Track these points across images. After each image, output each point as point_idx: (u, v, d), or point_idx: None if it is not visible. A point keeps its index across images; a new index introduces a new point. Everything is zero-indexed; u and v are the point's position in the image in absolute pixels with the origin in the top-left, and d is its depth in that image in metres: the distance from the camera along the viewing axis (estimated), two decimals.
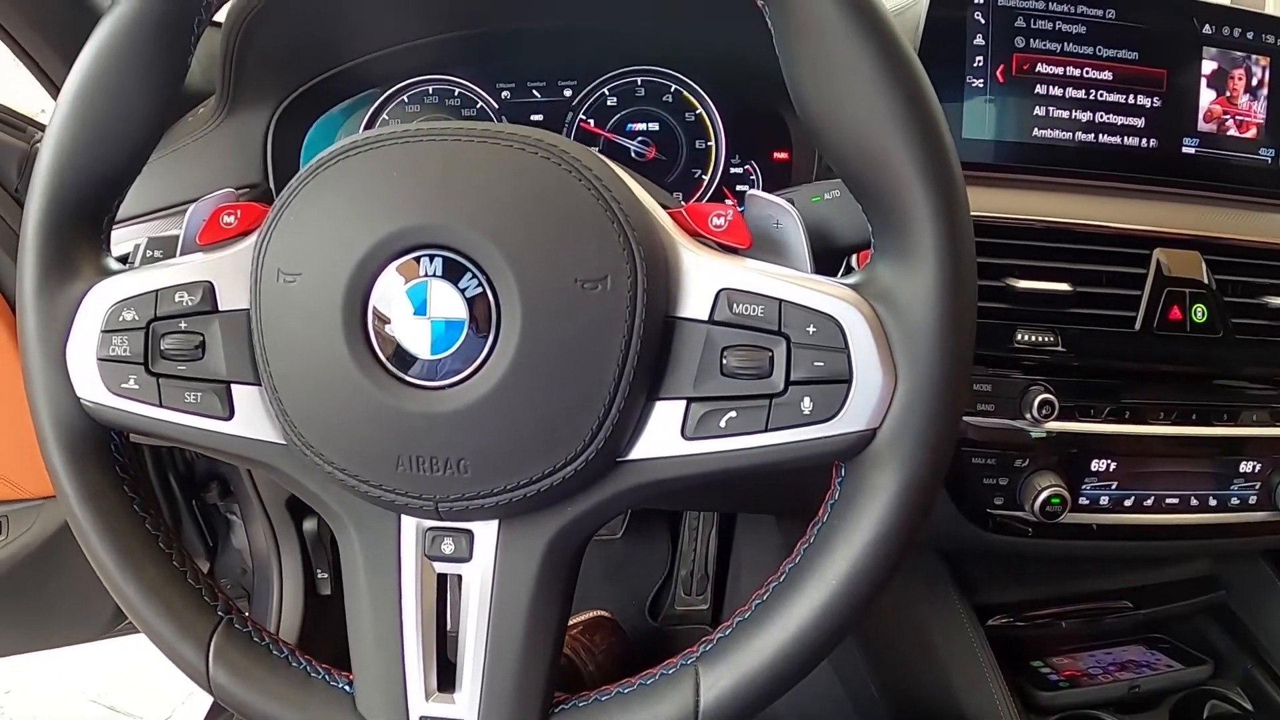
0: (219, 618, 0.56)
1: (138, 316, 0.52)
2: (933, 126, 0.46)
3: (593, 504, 0.51)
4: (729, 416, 0.47)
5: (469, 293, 0.47)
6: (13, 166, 0.97)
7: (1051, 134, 0.89)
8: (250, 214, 0.54)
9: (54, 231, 0.53)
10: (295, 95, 0.91)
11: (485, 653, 0.52)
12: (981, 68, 0.86)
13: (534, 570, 0.52)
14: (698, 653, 0.52)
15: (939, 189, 0.46)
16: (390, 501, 0.50)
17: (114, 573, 0.55)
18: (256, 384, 0.52)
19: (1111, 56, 0.89)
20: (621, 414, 0.47)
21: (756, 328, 0.47)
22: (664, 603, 1.61)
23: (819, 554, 0.49)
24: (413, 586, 0.53)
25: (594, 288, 0.46)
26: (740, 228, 0.50)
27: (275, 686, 0.55)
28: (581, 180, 0.47)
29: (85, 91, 0.52)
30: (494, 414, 0.47)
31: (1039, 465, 0.86)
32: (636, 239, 0.46)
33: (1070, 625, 1.09)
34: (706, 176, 0.94)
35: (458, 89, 0.93)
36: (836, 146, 0.48)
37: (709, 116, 0.92)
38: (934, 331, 0.46)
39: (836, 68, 0.46)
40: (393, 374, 0.48)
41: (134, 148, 0.54)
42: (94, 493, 0.55)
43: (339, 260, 0.48)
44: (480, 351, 0.47)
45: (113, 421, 0.53)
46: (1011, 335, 0.83)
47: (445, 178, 0.48)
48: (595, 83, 0.93)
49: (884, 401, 0.47)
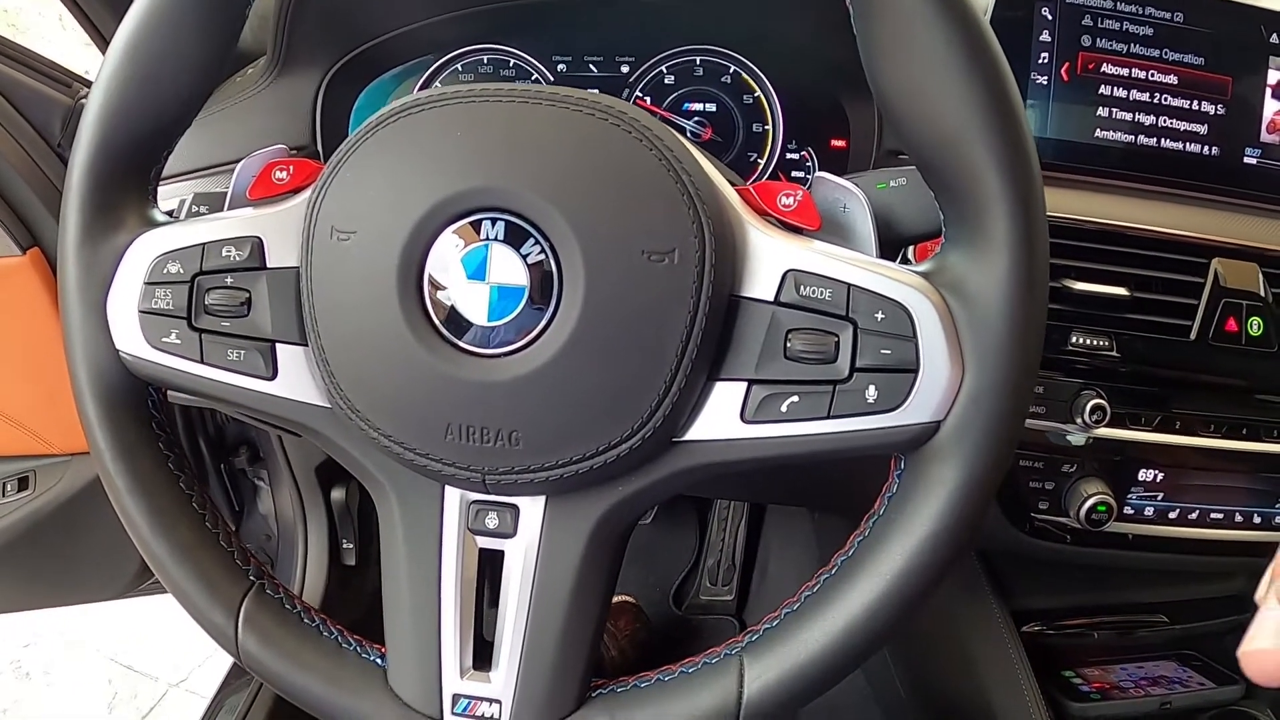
0: (250, 582, 0.55)
1: (183, 270, 0.51)
2: (1014, 117, 0.45)
3: (645, 484, 0.50)
4: (791, 401, 0.46)
5: (530, 259, 0.46)
6: (56, 121, 0.97)
7: (1113, 136, 0.87)
8: (303, 170, 0.53)
9: (100, 179, 0.53)
10: (347, 59, 0.90)
11: (524, 633, 0.52)
12: (1046, 65, 0.85)
13: (580, 550, 0.51)
14: (743, 643, 0.51)
15: (1017, 181, 0.45)
16: (436, 471, 0.49)
17: (145, 531, 0.54)
18: (302, 344, 0.51)
19: (1177, 60, 0.88)
20: (681, 393, 0.46)
21: (823, 311, 0.46)
22: (689, 591, 1.61)
23: (874, 547, 0.48)
24: (453, 561, 0.52)
25: (660, 260, 0.45)
26: (810, 208, 0.49)
27: (305, 656, 0.54)
28: (652, 150, 0.46)
29: (139, 37, 0.51)
30: (550, 386, 0.46)
31: (1086, 471, 0.85)
32: (706, 213, 0.45)
33: (1103, 636, 1.08)
34: (762, 161, 0.92)
35: (513, 59, 0.92)
36: (913, 132, 0.47)
37: (767, 100, 0.91)
38: (1004, 325, 0.45)
39: (918, 52, 0.45)
40: (446, 339, 0.47)
41: (186, 98, 0.53)
42: (128, 448, 0.54)
43: (396, 219, 0.47)
44: (539, 321, 0.46)
45: (152, 376, 0.53)
46: (1066, 337, 0.81)
47: (510, 140, 0.47)
48: (653, 60, 0.91)
49: (950, 394, 0.46)
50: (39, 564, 1.16)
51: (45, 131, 0.97)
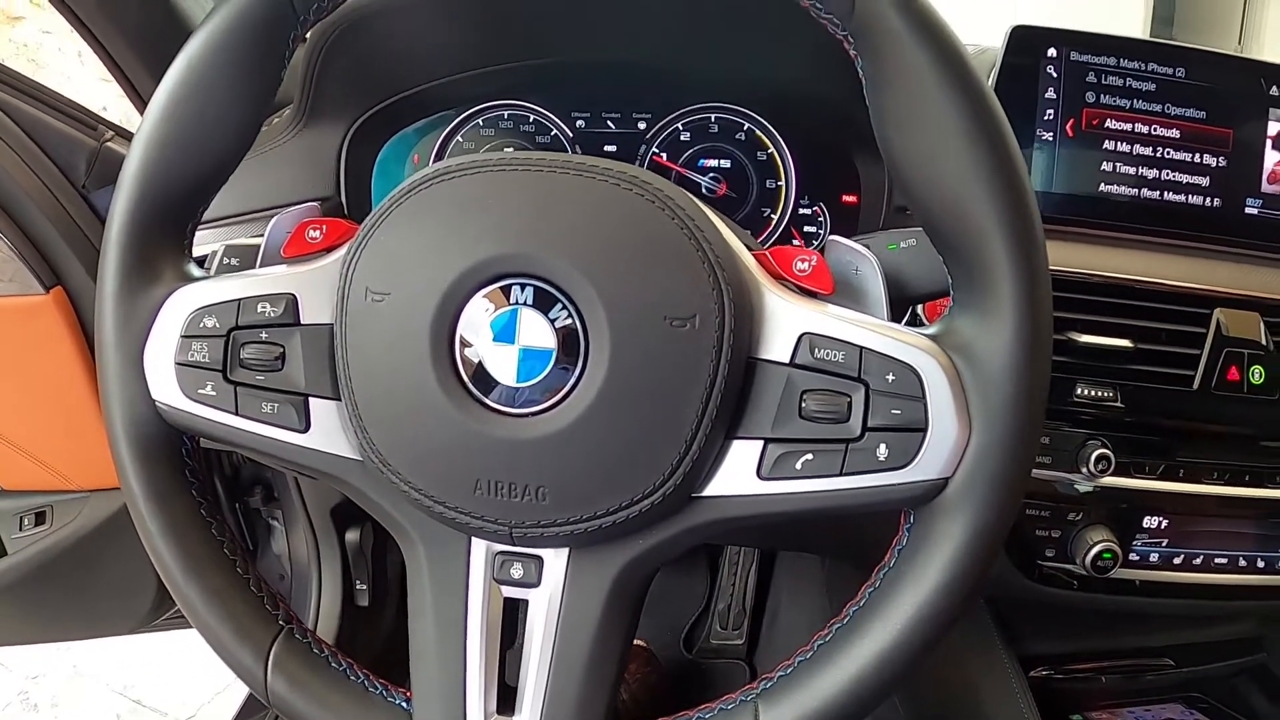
0: (280, 627, 0.56)
1: (219, 324, 0.53)
2: (1018, 186, 0.47)
3: (664, 537, 0.51)
4: (805, 459, 0.48)
5: (558, 323, 0.48)
6: (81, 162, 0.98)
7: (1117, 190, 0.89)
8: (336, 230, 0.55)
9: (138, 233, 0.54)
10: (371, 113, 0.92)
11: (547, 679, 0.53)
12: (1052, 121, 0.87)
13: (601, 599, 0.52)
14: (758, 689, 0.52)
15: (1022, 248, 0.47)
16: (464, 524, 0.51)
17: (177, 575, 0.56)
18: (335, 398, 0.52)
19: (1179, 115, 0.89)
20: (701, 451, 0.48)
21: (837, 373, 0.48)
22: (699, 635, 1.60)
23: (885, 598, 0.50)
24: (479, 608, 0.53)
25: (682, 325, 0.47)
26: (824, 273, 0.51)
27: (332, 699, 0.55)
28: (674, 219, 0.48)
29: (178, 98, 0.53)
30: (576, 444, 0.48)
31: (1092, 519, 0.86)
32: (725, 279, 0.47)
33: (1110, 680, 1.08)
34: (775, 216, 0.94)
35: (532, 115, 0.94)
36: (922, 198, 0.49)
37: (780, 156, 0.93)
38: (1010, 386, 0.47)
39: (927, 121, 0.47)
40: (477, 399, 0.49)
41: (222, 156, 0.55)
42: (162, 494, 0.56)
43: (430, 282, 0.49)
44: (566, 382, 0.48)
45: (187, 426, 0.54)
46: (1071, 389, 0.83)
47: (540, 208, 0.49)
48: (670, 117, 0.93)
49: (957, 452, 0.47)
50: (53, 598, 1.16)
51: (70, 172, 0.97)
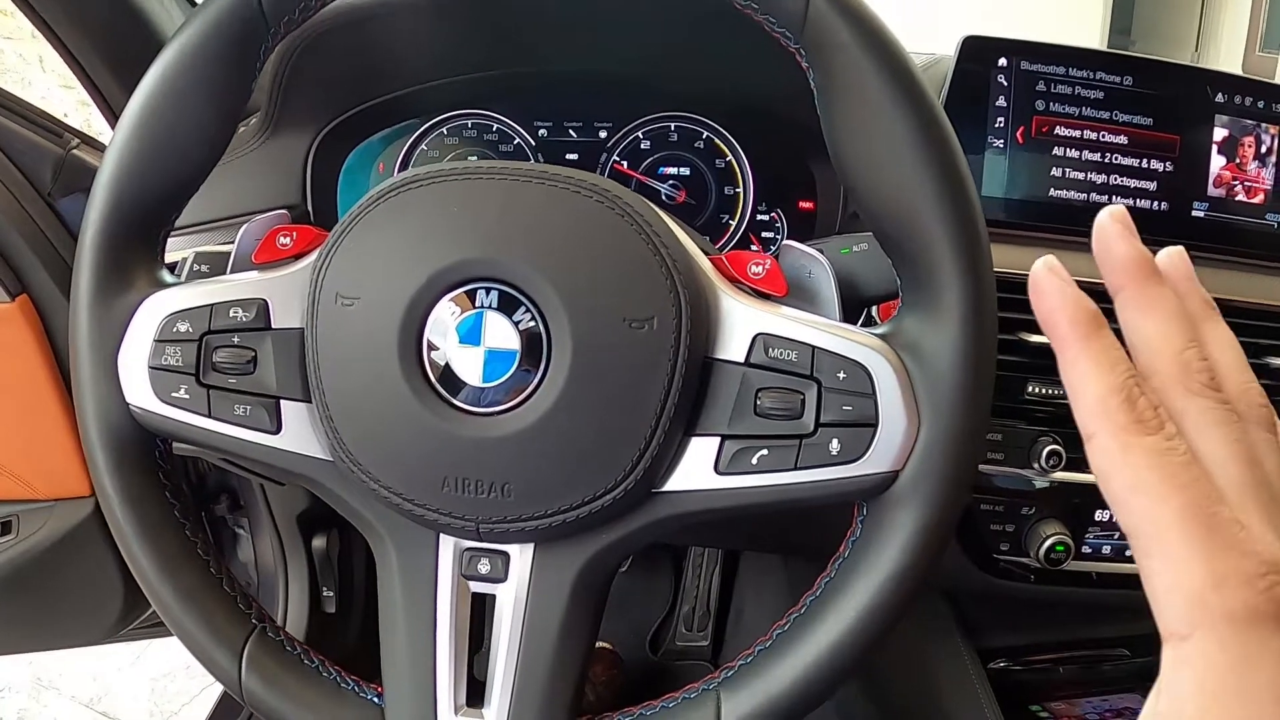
0: (253, 625, 0.57)
1: (192, 329, 0.54)
2: (963, 192, 0.49)
3: (626, 532, 0.53)
4: (761, 454, 0.50)
5: (522, 325, 0.50)
6: (47, 170, 0.98)
7: (1067, 194, 0.91)
8: (306, 236, 0.56)
9: (112, 240, 0.55)
10: (337, 121, 0.93)
11: (515, 671, 0.54)
12: (1002, 128, 0.89)
13: (566, 593, 0.54)
14: (719, 678, 0.54)
15: (966, 251, 0.49)
16: (433, 521, 0.52)
17: (151, 575, 0.56)
18: (306, 400, 0.54)
19: (1127, 121, 0.91)
20: (660, 447, 0.49)
21: (790, 371, 0.50)
22: (665, 637, 1.62)
23: (840, 587, 0.51)
24: (448, 604, 0.55)
25: (641, 327, 0.49)
26: (777, 276, 0.53)
27: (306, 696, 0.56)
28: (634, 225, 0.50)
29: (151, 107, 0.54)
30: (540, 442, 0.49)
31: (1045, 514, 0.88)
32: (682, 283, 0.49)
33: (1068, 671, 1.10)
34: (734, 222, 0.96)
35: (495, 124, 0.96)
36: (871, 205, 0.51)
37: (739, 164, 0.95)
38: (956, 382, 0.49)
39: (876, 132, 0.49)
40: (444, 399, 0.50)
41: (195, 165, 0.56)
42: (137, 497, 0.56)
43: (398, 288, 0.50)
44: (530, 382, 0.49)
45: (160, 429, 0.55)
46: (1023, 387, 0.85)
47: (504, 215, 0.51)
48: (630, 126, 0.95)
49: (907, 445, 0.49)
50: (19, 609, 1.15)
51: (35, 179, 0.97)
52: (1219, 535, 0.33)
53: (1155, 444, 0.35)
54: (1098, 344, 0.37)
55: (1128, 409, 0.35)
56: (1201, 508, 0.33)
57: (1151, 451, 0.34)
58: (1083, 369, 0.37)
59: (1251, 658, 0.32)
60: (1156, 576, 0.34)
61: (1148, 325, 0.38)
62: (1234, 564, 0.32)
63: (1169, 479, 0.34)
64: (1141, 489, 0.34)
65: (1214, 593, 0.32)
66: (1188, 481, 0.34)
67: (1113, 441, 0.35)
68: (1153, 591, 0.34)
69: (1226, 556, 0.33)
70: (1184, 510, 0.33)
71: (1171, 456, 0.34)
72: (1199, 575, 0.32)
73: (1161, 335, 0.38)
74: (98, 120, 1.11)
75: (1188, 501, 0.33)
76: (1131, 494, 0.35)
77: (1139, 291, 0.38)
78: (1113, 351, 0.37)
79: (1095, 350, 0.37)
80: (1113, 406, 0.35)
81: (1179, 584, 0.33)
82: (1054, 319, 0.38)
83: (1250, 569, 0.32)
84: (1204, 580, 0.32)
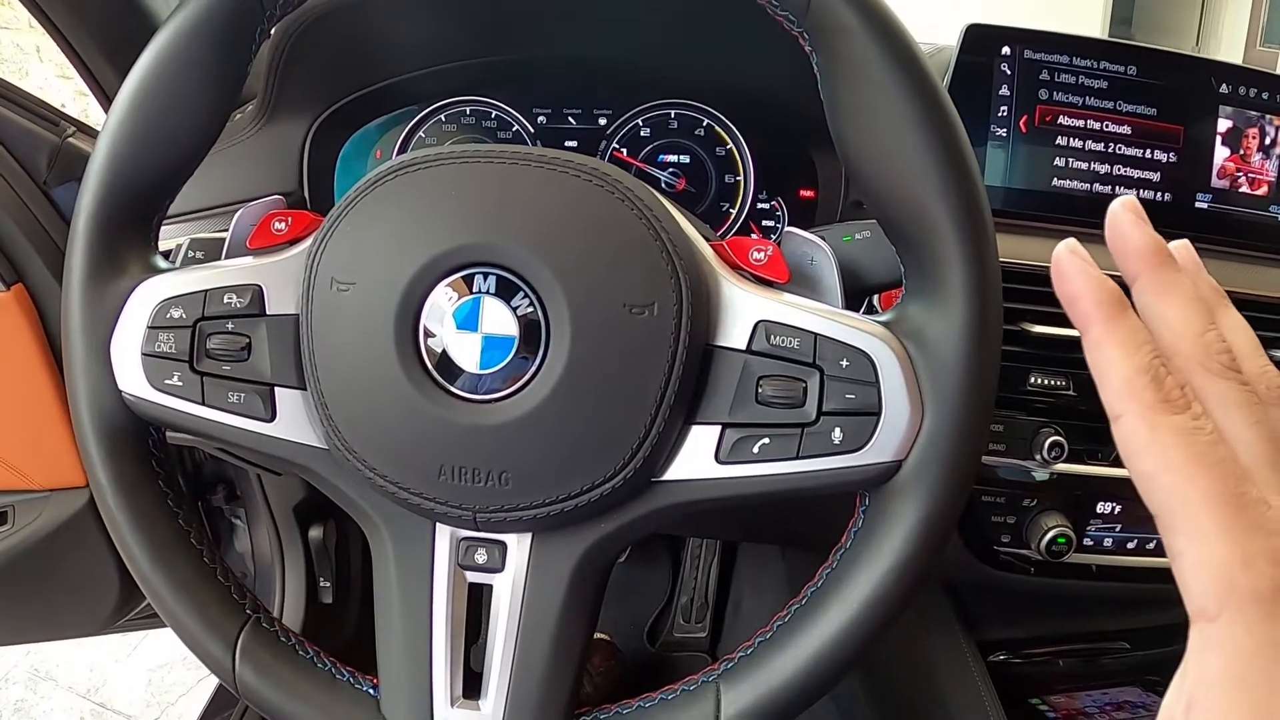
0: (247, 616, 0.57)
1: (185, 315, 0.53)
2: (968, 179, 0.48)
3: (625, 521, 0.52)
4: (762, 443, 0.49)
5: (520, 311, 0.49)
6: (43, 158, 0.97)
7: (1070, 184, 0.90)
8: (301, 222, 0.55)
9: (105, 226, 0.54)
10: (334, 108, 0.93)
11: (512, 662, 0.54)
12: (1006, 117, 0.88)
13: (564, 583, 0.53)
14: (719, 670, 0.53)
15: (971, 237, 0.48)
16: (429, 510, 0.51)
17: (144, 565, 0.56)
18: (300, 388, 0.53)
19: (1131, 111, 0.91)
20: (660, 436, 0.49)
21: (792, 359, 0.49)
22: (663, 629, 1.62)
23: (841, 579, 0.51)
24: (444, 594, 0.54)
25: (641, 313, 0.48)
26: (779, 263, 0.52)
27: (301, 687, 0.56)
28: (634, 210, 0.49)
29: (145, 91, 0.53)
30: (538, 429, 0.49)
31: (1046, 505, 0.87)
32: (683, 268, 0.48)
33: (1068, 664, 1.10)
34: (734, 210, 0.95)
35: (494, 111, 0.95)
36: (875, 190, 0.50)
37: (739, 152, 0.94)
38: (960, 371, 0.48)
39: (880, 117, 0.48)
40: (441, 386, 0.50)
41: (189, 150, 0.55)
42: (129, 485, 0.56)
43: (394, 272, 0.50)
44: (528, 369, 0.49)
45: (153, 417, 0.54)
46: (1025, 378, 0.84)
47: (503, 199, 0.50)
48: (630, 113, 0.94)
49: (910, 435, 0.49)
50: (15, 600, 1.14)
51: (31, 168, 0.96)
52: (1247, 514, 0.33)
53: (1183, 423, 0.35)
54: (1123, 325, 0.37)
55: (1155, 388, 0.35)
56: (1229, 486, 0.33)
57: (1179, 430, 0.34)
58: (1108, 351, 0.37)
59: (1278, 642, 0.32)
60: (1184, 555, 0.34)
61: (1167, 309, 0.38)
62: (1262, 543, 0.32)
63: (1197, 458, 0.34)
64: (1169, 468, 0.34)
65: (1242, 572, 0.32)
66: (1215, 461, 0.34)
67: (1140, 421, 0.35)
68: (1179, 570, 0.34)
69: (1254, 536, 0.33)
70: (1212, 489, 0.33)
71: (1199, 435, 0.34)
72: (1227, 554, 0.32)
73: (1181, 319, 0.38)
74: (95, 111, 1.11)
75: (1215, 480, 0.33)
76: (1160, 473, 0.34)
77: (1156, 276, 0.38)
78: (1138, 333, 0.37)
79: (1121, 332, 0.37)
80: (1140, 386, 0.35)
81: (1207, 562, 0.33)
82: (1078, 301, 0.38)
83: (1278, 548, 0.32)
84: (1232, 558, 0.32)
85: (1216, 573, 0.32)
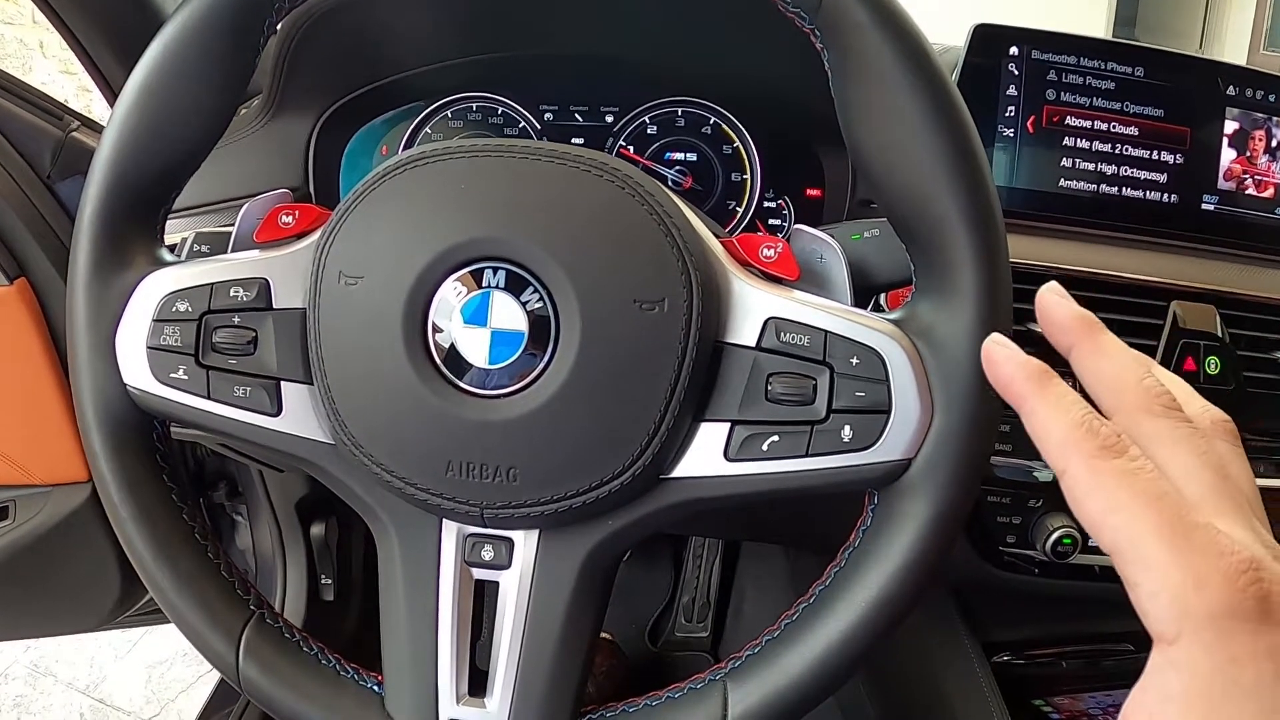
0: (251, 612, 0.56)
1: (191, 308, 0.53)
2: (979, 176, 0.48)
3: (633, 519, 0.52)
4: (771, 440, 0.49)
5: (529, 306, 0.49)
6: (46, 153, 0.97)
7: (1076, 185, 0.90)
8: (308, 215, 0.55)
9: (111, 218, 0.54)
10: (340, 104, 0.93)
11: (518, 659, 0.53)
12: (1013, 118, 0.88)
13: (571, 581, 0.53)
14: (726, 669, 0.53)
15: (982, 235, 0.48)
16: (436, 506, 0.51)
17: (148, 560, 0.55)
18: (307, 382, 0.53)
19: (1138, 113, 0.91)
20: (669, 433, 0.48)
21: (802, 356, 0.49)
22: (664, 628, 1.62)
23: (849, 577, 0.50)
24: (450, 591, 0.54)
25: (651, 309, 0.48)
26: (789, 260, 0.52)
27: (304, 683, 0.55)
28: (644, 205, 0.49)
29: (151, 84, 0.53)
30: (547, 425, 0.48)
31: (1052, 506, 0.87)
32: (694, 265, 0.48)
33: (1071, 665, 1.09)
34: (741, 209, 0.95)
35: (501, 108, 0.95)
36: (886, 188, 0.50)
37: (746, 150, 0.94)
38: (971, 370, 0.48)
39: (891, 114, 0.48)
40: (449, 381, 0.49)
41: (195, 143, 0.55)
42: (133, 480, 0.55)
43: (403, 266, 0.49)
44: (537, 364, 0.49)
45: (158, 410, 0.54)
46: None
47: (512, 193, 0.50)
48: (636, 110, 0.94)
49: (920, 433, 0.48)
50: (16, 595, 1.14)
51: (35, 162, 0.96)
52: (1196, 539, 0.35)
53: (1123, 465, 0.37)
54: (1052, 390, 0.41)
55: (1091, 438, 0.38)
56: (1177, 516, 0.35)
57: (1121, 472, 0.37)
58: (1043, 414, 0.41)
59: (1235, 658, 0.33)
60: (1140, 585, 0.35)
61: (1106, 366, 0.42)
62: (1213, 564, 0.34)
63: (1141, 494, 0.36)
64: (1116, 507, 0.36)
65: (1196, 594, 0.34)
66: (1158, 494, 0.36)
67: (1083, 469, 0.38)
68: (1137, 600, 0.36)
69: (1205, 558, 0.34)
70: (1159, 521, 0.35)
71: (1140, 474, 0.37)
72: (1180, 578, 0.34)
73: (1121, 370, 0.42)
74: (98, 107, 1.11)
75: (1161, 512, 0.35)
76: (1108, 513, 0.37)
77: (1089, 340, 0.43)
78: (1067, 395, 0.41)
79: (1051, 396, 0.41)
80: (1078, 438, 0.38)
81: (1162, 588, 0.34)
82: (1011, 384, 0.43)
83: (1229, 567, 0.34)
84: (1185, 582, 0.34)
85: (1171, 598, 0.34)
